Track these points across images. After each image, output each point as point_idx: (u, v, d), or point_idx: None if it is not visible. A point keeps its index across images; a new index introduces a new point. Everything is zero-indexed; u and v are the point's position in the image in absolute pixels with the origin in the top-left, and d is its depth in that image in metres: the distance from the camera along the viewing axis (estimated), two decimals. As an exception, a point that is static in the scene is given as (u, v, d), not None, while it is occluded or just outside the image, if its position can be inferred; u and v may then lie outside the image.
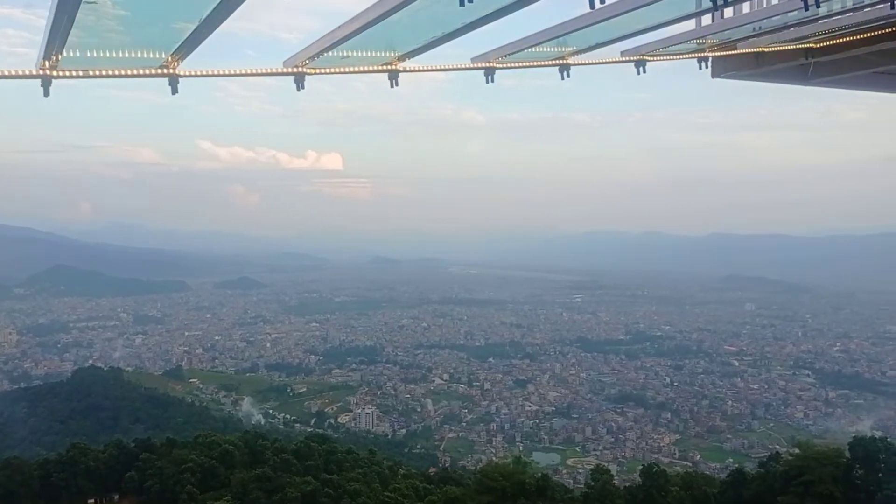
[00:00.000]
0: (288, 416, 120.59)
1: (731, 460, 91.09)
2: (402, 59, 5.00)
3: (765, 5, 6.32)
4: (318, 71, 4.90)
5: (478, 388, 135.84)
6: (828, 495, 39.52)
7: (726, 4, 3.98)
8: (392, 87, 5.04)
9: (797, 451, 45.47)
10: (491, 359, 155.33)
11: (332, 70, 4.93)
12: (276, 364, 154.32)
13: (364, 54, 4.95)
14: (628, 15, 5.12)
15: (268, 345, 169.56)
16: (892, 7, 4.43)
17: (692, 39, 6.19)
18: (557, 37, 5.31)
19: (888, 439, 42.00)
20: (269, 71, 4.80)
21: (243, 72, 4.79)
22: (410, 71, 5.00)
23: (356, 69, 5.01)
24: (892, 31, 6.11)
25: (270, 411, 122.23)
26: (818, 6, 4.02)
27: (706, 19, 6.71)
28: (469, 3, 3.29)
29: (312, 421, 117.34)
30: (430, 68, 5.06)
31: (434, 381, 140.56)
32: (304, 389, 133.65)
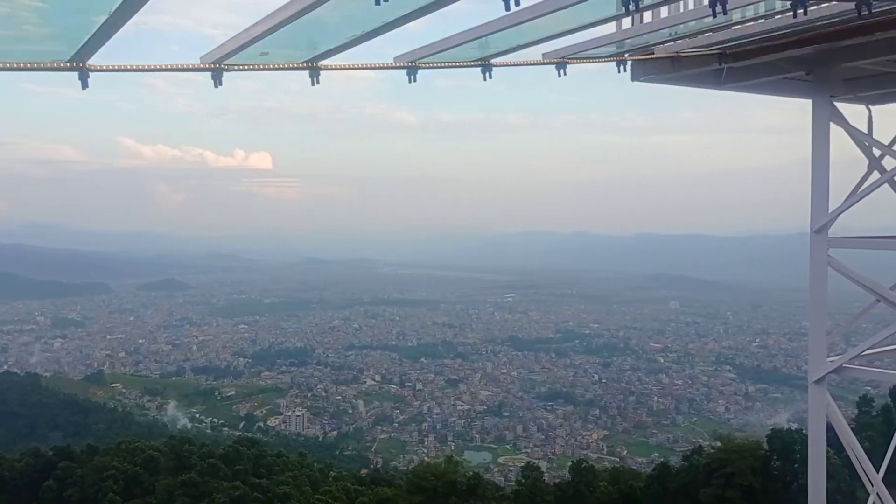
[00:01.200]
0: (216, 419, 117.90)
1: (657, 454, 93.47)
2: (322, 56, 4.93)
3: (681, 10, 6.49)
4: (236, 68, 4.78)
5: (410, 389, 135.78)
6: (747, 486, 41.01)
7: (637, 10, 4.06)
8: (313, 84, 4.96)
9: (719, 444, 47.00)
10: (423, 359, 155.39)
11: (251, 67, 4.82)
12: (202, 367, 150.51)
13: (284, 52, 4.86)
14: (550, 17, 5.17)
15: (194, 347, 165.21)
16: (795, 16, 4.60)
17: (611, 43, 6.31)
18: (480, 37, 5.33)
19: (803, 431, 43.79)
20: (184, 66, 4.66)
21: (157, 67, 4.62)
22: (331, 69, 4.93)
23: (275, 66, 4.92)
24: (799, 38, 6.35)
25: (197, 415, 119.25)
26: (724, 13, 4.15)
27: (626, 23, 6.84)
28: (385, 2, 3.26)
29: (241, 424, 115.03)
30: (351, 66, 5.00)
31: (366, 382, 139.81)
32: (233, 392, 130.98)
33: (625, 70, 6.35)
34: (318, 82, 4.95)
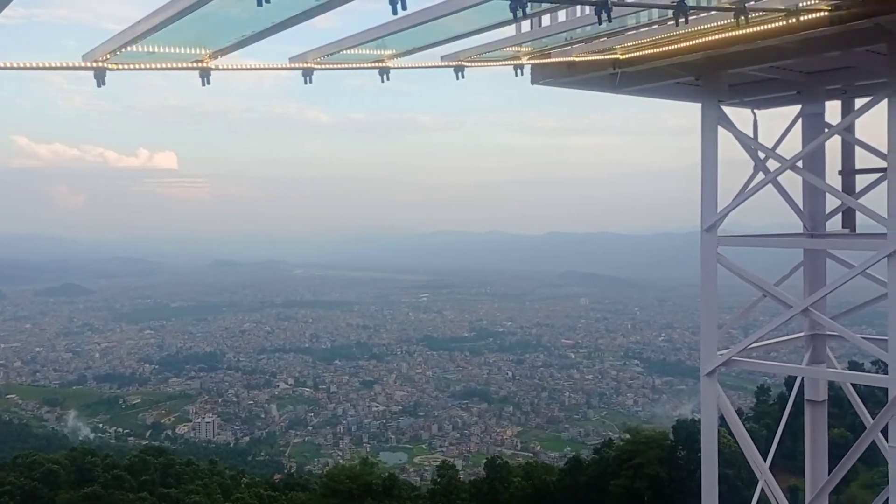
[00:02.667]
0: (120, 429, 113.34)
1: (569, 448, 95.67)
2: (213, 56, 4.79)
3: (578, 14, 6.63)
4: (120, 67, 4.57)
5: (324, 391, 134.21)
6: (654, 476, 42.62)
7: (525, 17, 4.14)
8: (203, 85, 4.82)
9: (627, 436, 48.68)
10: (337, 361, 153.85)
11: (136, 66, 4.63)
12: (106, 375, 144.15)
13: (171, 50, 4.70)
14: (448, 19, 5.18)
15: (97, 355, 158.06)
16: (677, 24, 4.78)
17: (510, 46, 6.40)
18: (377, 38, 5.30)
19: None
20: (63, 65, 4.43)
21: (33, 65, 4.38)
22: (223, 69, 4.80)
23: (163, 66, 4.75)
24: (688, 44, 6.57)
25: (100, 426, 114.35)
26: (609, 20, 4.28)
27: (525, 26, 6.93)
28: (267, 3, 3.20)
29: (148, 433, 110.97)
30: (242, 67, 4.88)
31: (278, 385, 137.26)
32: (139, 401, 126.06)
33: (522, 74, 6.46)
34: (208, 83, 4.81)
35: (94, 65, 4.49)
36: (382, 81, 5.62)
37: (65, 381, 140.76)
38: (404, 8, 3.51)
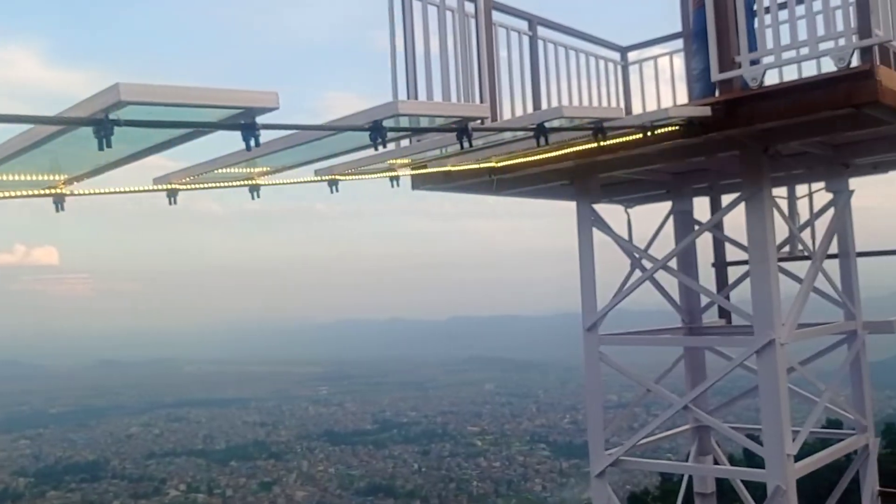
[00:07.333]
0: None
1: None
2: (68, 182, 4.58)
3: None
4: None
5: (219, 496, 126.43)
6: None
7: (383, 142, 4.20)
8: (57, 211, 4.60)
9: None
10: (233, 462, 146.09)
11: (-10, 193, 4.39)
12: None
13: (23, 178, 4.47)
14: (320, 142, 5.16)
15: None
16: (538, 144, 4.96)
17: (386, 160, 6.47)
18: (247, 160, 5.23)
19: None
20: None
21: None
22: (78, 195, 4.60)
23: (12, 194, 4.50)
24: (558, 154, 6.82)
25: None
26: (471, 146, 4.40)
27: (404, 141, 7.01)
28: (108, 147, 3.09)
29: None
30: (101, 192, 4.70)
31: (169, 492, 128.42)
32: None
33: (398, 185, 6.53)
34: (62, 209, 4.59)
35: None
36: (252, 199, 5.54)
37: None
38: (257, 145, 3.46)
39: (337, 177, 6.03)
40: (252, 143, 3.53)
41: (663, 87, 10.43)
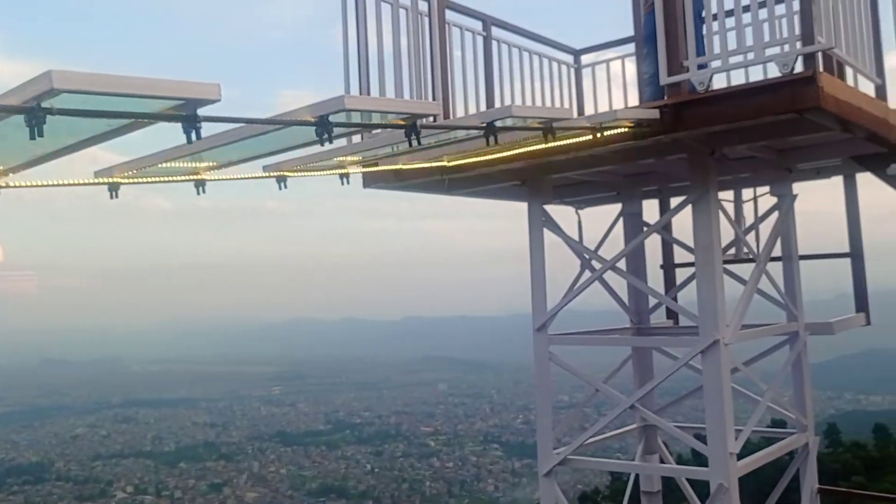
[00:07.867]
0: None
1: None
2: (2, 174, 4.41)
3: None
4: None
5: (167, 498, 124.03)
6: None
7: (329, 138, 4.13)
8: (-9, 205, 4.43)
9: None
10: (182, 463, 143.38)
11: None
12: None
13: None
14: (267, 136, 5.06)
15: None
16: (488, 144, 4.95)
17: (336, 157, 6.37)
18: (192, 154, 5.10)
19: None
20: None
21: None
22: (14, 187, 4.43)
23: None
24: (510, 154, 6.80)
25: None
26: (420, 143, 4.38)
27: (355, 137, 6.93)
28: (40, 137, 2.98)
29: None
30: (38, 184, 4.52)
31: (116, 495, 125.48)
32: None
33: (349, 182, 6.44)
34: (-3, 201, 4.41)
35: None
36: (198, 194, 5.41)
37: None
38: (199, 137, 3.38)
39: (285, 173, 5.92)
40: (193, 135, 3.44)
41: (616, 91, 10.53)
